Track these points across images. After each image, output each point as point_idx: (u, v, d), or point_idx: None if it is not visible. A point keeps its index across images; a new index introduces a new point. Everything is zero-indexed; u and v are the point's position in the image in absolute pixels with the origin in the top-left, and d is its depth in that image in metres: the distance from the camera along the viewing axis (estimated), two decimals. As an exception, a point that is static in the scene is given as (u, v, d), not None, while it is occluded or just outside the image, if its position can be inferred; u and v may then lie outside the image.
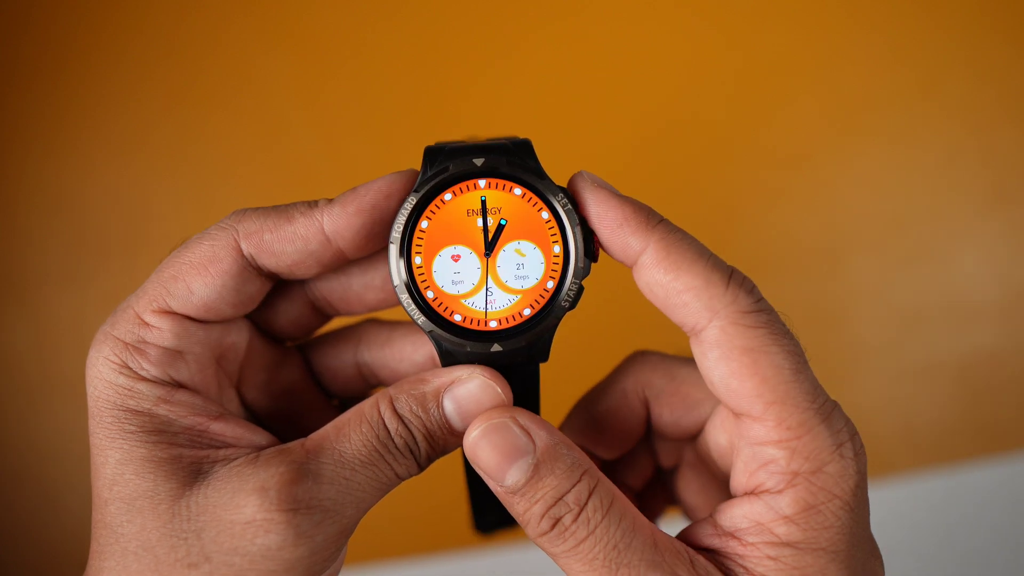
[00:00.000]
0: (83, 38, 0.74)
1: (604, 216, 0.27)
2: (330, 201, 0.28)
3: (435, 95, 0.75)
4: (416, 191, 0.28)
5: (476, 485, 0.33)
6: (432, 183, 0.27)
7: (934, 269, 0.73)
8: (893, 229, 0.74)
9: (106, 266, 0.72)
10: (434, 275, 0.28)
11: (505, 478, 0.26)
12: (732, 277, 0.26)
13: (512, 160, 0.28)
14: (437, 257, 0.28)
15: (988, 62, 0.74)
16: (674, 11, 0.75)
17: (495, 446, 0.26)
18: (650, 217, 0.27)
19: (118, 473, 0.26)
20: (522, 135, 0.30)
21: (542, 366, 0.29)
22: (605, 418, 0.31)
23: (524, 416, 0.27)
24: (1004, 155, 0.73)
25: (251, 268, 0.29)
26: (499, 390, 0.27)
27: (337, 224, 0.28)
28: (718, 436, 0.30)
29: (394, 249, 0.28)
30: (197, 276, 0.28)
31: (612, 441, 0.31)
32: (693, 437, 0.32)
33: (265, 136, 0.74)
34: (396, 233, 0.28)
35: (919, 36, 0.74)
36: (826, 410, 0.26)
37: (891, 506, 0.72)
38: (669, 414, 0.31)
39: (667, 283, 0.26)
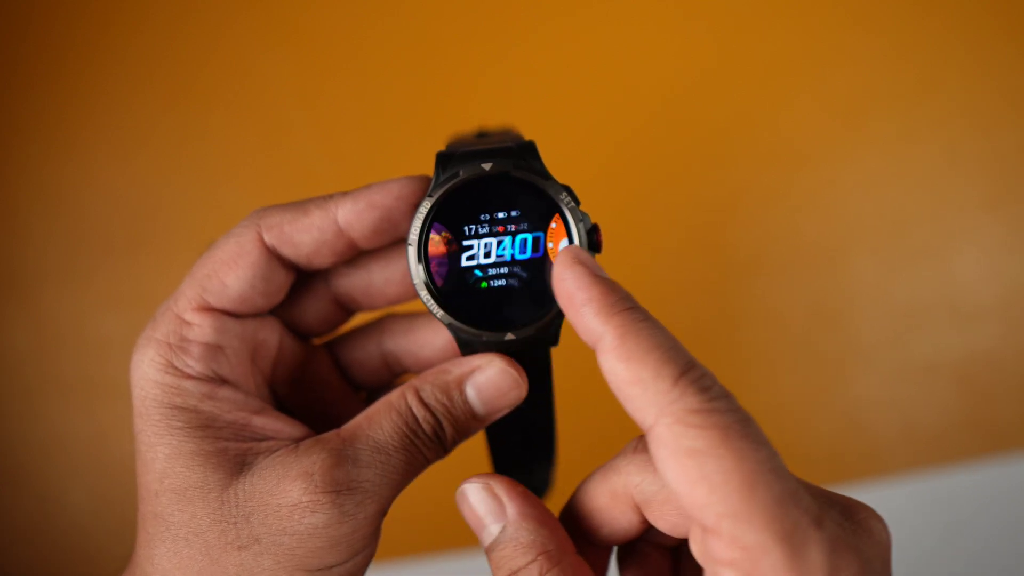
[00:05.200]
0: (83, 38, 0.74)
1: (571, 294, 0.26)
2: (345, 194, 0.30)
3: (436, 94, 0.75)
4: (430, 195, 0.29)
5: (498, 454, 0.35)
6: (444, 188, 0.29)
7: (934, 269, 0.73)
8: (893, 229, 0.74)
9: (106, 265, 0.72)
10: None
11: (482, 536, 0.29)
12: (686, 373, 0.24)
13: (518, 163, 0.29)
14: None
15: (989, 61, 0.74)
16: (674, 10, 0.75)
17: (473, 506, 0.29)
18: (617, 303, 0.25)
19: (168, 467, 0.28)
20: (524, 134, 0.31)
21: (554, 350, 0.31)
22: (597, 514, 0.29)
23: (503, 485, 0.28)
24: (1004, 155, 0.73)
25: (276, 259, 0.31)
26: (516, 375, 0.30)
27: (349, 217, 0.30)
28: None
29: (412, 251, 0.30)
30: (229, 271, 0.30)
31: (610, 536, 0.30)
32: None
33: (265, 135, 0.74)
34: (414, 236, 0.29)
35: (919, 36, 0.74)
36: (797, 530, 0.22)
37: (891, 506, 0.72)
38: (663, 522, 0.28)
39: (618, 372, 0.24)
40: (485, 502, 0.28)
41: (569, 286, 0.26)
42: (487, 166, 0.29)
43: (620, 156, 0.75)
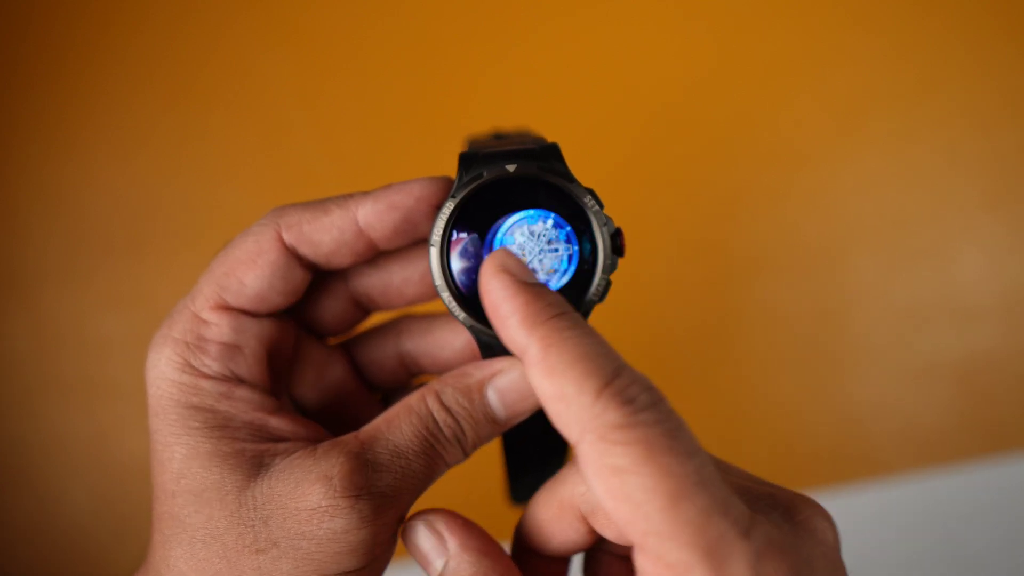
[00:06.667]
0: (83, 38, 0.73)
1: (496, 305, 0.25)
2: (365, 194, 0.30)
3: (436, 94, 0.75)
4: (453, 196, 0.29)
5: (511, 451, 0.35)
6: (468, 189, 0.29)
7: (934, 269, 0.73)
8: (893, 229, 0.74)
9: (106, 265, 0.72)
10: None
11: (429, 571, 0.29)
12: (610, 384, 0.23)
13: (542, 165, 0.29)
14: None
15: (989, 61, 0.74)
16: (673, 11, 0.75)
17: (417, 545, 0.29)
18: (542, 311, 0.24)
19: (185, 467, 0.28)
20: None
21: None
22: (547, 526, 0.29)
23: (443, 520, 0.28)
24: (1004, 155, 0.73)
25: (294, 258, 0.30)
26: None
27: (369, 217, 0.30)
28: None
29: (435, 252, 0.29)
30: (248, 270, 0.30)
31: (561, 548, 0.30)
32: None
33: (265, 135, 0.74)
34: (436, 236, 0.29)
35: (919, 36, 0.74)
36: (721, 544, 0.21)
37: (891, 506, 0.72)
38: (609, 531, 0.28)
39: (543, 388, 0.24)
40: (427, 539, 0.28)
41: (494, 297, 0.25)
42: (511, 168, 0.29)
43: (619, 157, 0.75)
